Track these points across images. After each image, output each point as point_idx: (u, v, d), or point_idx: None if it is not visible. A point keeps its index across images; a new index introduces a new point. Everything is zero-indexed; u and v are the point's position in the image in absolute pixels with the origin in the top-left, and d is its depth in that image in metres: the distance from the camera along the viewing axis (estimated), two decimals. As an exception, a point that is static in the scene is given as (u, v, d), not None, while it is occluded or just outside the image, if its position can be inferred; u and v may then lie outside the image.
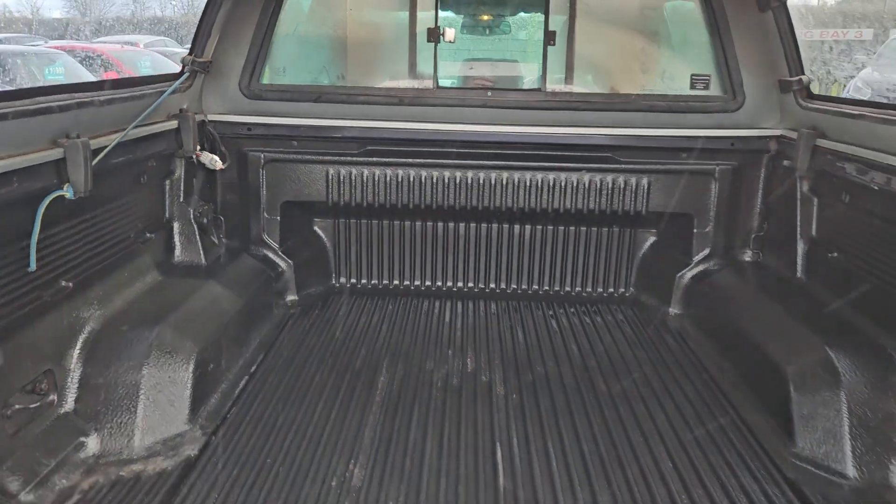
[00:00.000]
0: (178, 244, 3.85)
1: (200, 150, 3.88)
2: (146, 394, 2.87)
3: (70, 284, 2.88)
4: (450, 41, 4.18)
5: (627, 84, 4.62)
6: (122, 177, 3.31)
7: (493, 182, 4.23)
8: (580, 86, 4.46)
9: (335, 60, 4.72)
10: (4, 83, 13.10)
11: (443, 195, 4.25)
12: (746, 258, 4.22)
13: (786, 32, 3.88)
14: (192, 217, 3.85)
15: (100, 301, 3.05)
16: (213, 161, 3.94)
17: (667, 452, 2.86)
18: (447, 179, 4.23)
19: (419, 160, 4.21)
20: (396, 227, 4.52)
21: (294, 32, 4.45)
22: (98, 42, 23.32)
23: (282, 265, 4.34)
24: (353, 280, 4.60)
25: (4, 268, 2.55)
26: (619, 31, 4.67)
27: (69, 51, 17.07)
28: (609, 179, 4.20)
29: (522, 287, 4.58)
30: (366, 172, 4.24)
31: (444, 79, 4.52)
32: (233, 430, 2.94)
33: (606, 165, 4.19)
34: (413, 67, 4.45)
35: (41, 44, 20.63)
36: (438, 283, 4.59)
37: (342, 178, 4.24)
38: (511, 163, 4.21)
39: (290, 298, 4.35)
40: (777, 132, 4.01)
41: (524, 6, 5.48)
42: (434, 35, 4.17)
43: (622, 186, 4.21)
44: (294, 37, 4.46)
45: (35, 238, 2.59)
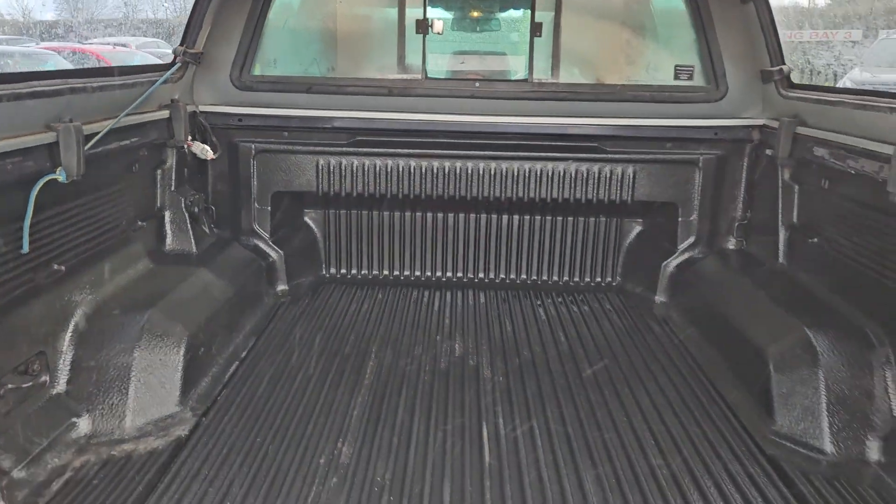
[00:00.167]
0: (170, 233, 3.88)
1: (192, 141, 3.92)
2: (137, 376, 2.92)
3: (62, 268, 2.91)
4: (438, 32, 4.24)
5: (613, 75, 4.69)
6: (114, 164, 3.35)
7: (482, 172, 4.28)
8: (567, 77, 4.52)
9: (325, 52, 4.78)
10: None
11: (431, 185, 4.30)
12: (730, 246, 4.29)
13: (767, 23, 3.96)
14: (184, 206, 3.88)
15: (92, 286, 3.08)
16: (205, 151, 3.97)
17: (649, 431, 2.92)
18: (436, 169, 4.28)
19: (408, 150, 4.26)
20: (386, 218, 4.57)
21: (285, 24, 4.50)
22: (89, 44, 23.30)
23: (272, 255, 4.38)
24: (343, 270, 4.64)
25: None
26: (605, 23, 4.74)
27: (60, 52, 17.13)
28: (595, 169, 4.27)
29: (510, 277, 4.64)
30: (355, 163, 4.29)
31: (434, 72, 4.57)
32: (223, 412, 2.98)
33: (593, 155, 4.25)
34: (402, 59, 4.50)
35: (32, 45, 20.64)
36: (428, 273, 4.64)
37: (332, 169, 4.29)
38: (499, 153, 4.27)
39: (281, 288, 4.39)
40: (759, 122, 4.08)
41: (513, 1, 5.55)
42: (423, 26, 4.22)
43: (608, 176, 4.27)
44: (285, 29, 4.51)
45: (28, 220, 2.63)
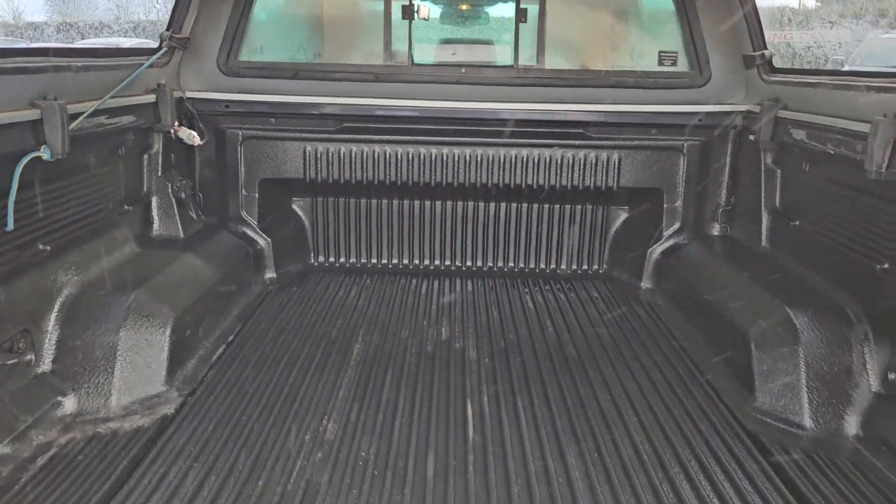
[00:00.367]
0: (157, 218, 3.89)
1: (178, 126, 3.93)
2: (123, 355, 2.92)
3: (48, 248, 2.92)
4: (424, 18, 4.26)
5: (598, 61, 4.72)
6: (100, 147, 3.36)
7: (469, 158, 4.31)
8: (552, 63, 4.54)
9: (312, 38, 4.79)
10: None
11: (418, 172, 4.32)
12: (715, 232, 4.32)
13: (749, 9, 3.99)
14: (171, 191, 3.89)
15: (77, 266, 3.09)
16: (191, 136, 3.99)
17: (632, 409, 2.95)
18: (422, 156, 4.30)
19: (395, 137, 4.28)
20: (374, 206, 4.59)
21: (271, 10, 4.51)
22: (80, 44, 23.26)
23: (260, 242, 4.39)
24: (332, 259, 4.66)
25: None
26: (590, 10, 4.77)
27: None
28: (581, 155, 4.29)
29: (498, 265, 4.67)
30: (342, 149, 4.30)
31: (421, 59, 4.59)
32: (209, 392, 3.00)
33: (578, 142, 4.28)
34: (388, 45, 4.52)
35: (23, 45, 20.60)
36: (416, 262, 4.66)
37: (319, 155, 4.30)
38: (486, 139, 4.29)
39: (269, 276, 4.40)
40: (743, 107, 4.12)
41: None
42: (408, 12, 4.24)
43: (593, 162, 4.30)
44: (271, 14, 4.52)
45: (13, 197, 2.63)
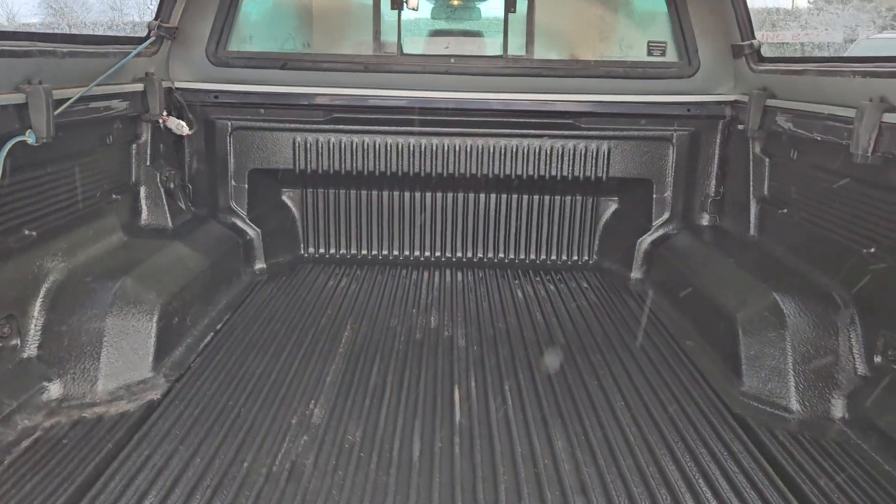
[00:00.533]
0: (145, 207, 3.88)
1: (167, 116, 3.92)
2: (109, 341, 2.92)
3: (34, 233, 2.91)
4: (413, 8, 4.26)
5: (587, 51, 4.73)
6: (87, 134, 3.35)
7: (458, 148, 4.31)
8: (541, 53, 4.55)
9: (301, 28, 4.78)
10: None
11: (408, 162, 4.32)
12: (704, 222, 4.33)
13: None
14: (159, 181, 3.88)
15: (64, 253, 3.08)
16: (180, 126, 3.97)
17: (619, 394, 2.95)
18: (412, 146, 4.30)
19: (384, 127, 4.28)
20: (364, 197, 4.59)
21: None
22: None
23: (250, 233, 4.38)
24: (322, 250, 4.66)
25: None
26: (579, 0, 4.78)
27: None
28: (570, 145, 4.30)
29: (488, 255, 4.67)
30: (332, 139, 4.30)
31: (410, 49, 4.58)
32: (196, 377, 2.99)
33: (568, 132, 4.28)
34: (378, 34, 4.52)
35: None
36: (406, 253, 4.66)
37: (309, 146, 4.30)
38: (475, 129, 4.29)
39: (259, 266, 4.39)
40: (731, 97, 4.13)
41: None
42: (397, 2, 4.24)
43: (583, 152, 4.30)
44: (260, 4, 4.51)
45: None
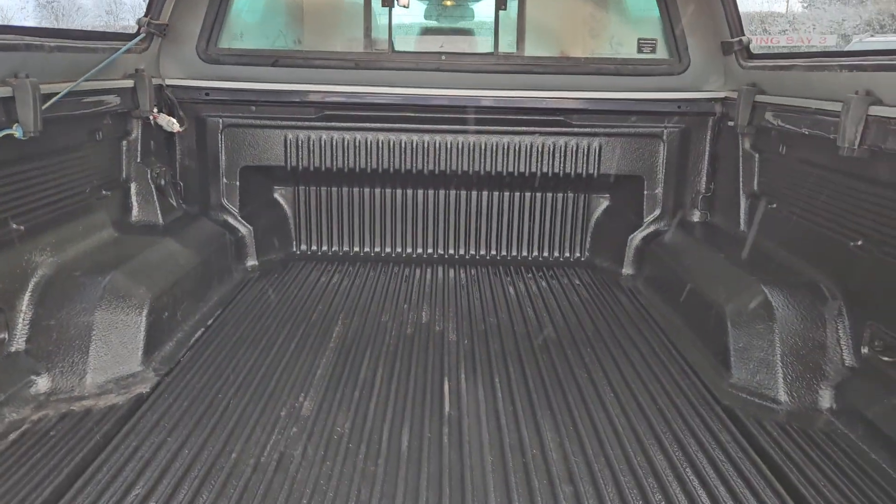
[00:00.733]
0: (136, 204, 3.87)
1: (158, 113, 3.91)
2: (98, 335, 2.91)
3: (22, 228, 2.90)
4: (404, 6, 4.27)
5: (578, 48, 4.74)
6: (76, 129, 3.34)
7: (449, 146, 4.32)
8: (532, 50, 4.56)
9: (292, 25, 4.79)
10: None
11: (399, 159, 4.33)
12: (695, 218, 4.34)
13: None
14: (150, 178, 3.87)
15: (53, 248, 3.07)
16: (171, 123, 3.96)
17: (609, 385, 2.96)
18: (403, 143, 4.31)
19: (376, 125, 4.29)
20: (356, 194, 4.59)
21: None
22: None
23: (242, 230, 4.38)
24: (314, 247, 4.66)
25: None
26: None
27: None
28: (562, 142, 4.31)
29: (480, 252, 4.68)
30: (323, 137, 4.30)
31: (401, 46, 4.59)
32: (185, 371, 2.99)
33: (559, 129, 4.29)
34: (369, 31, 4.53)
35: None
36: (398, 250, 4.66)
37: (300, 143, 4.30)
38: (467, 126, 4.30)
39: (251, 263, 4.39)
40: (721, 94, 4.15)
41: None
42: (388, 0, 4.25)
43: (574, 149, 4.31)
44: (251, 1, 4.52)
45: None
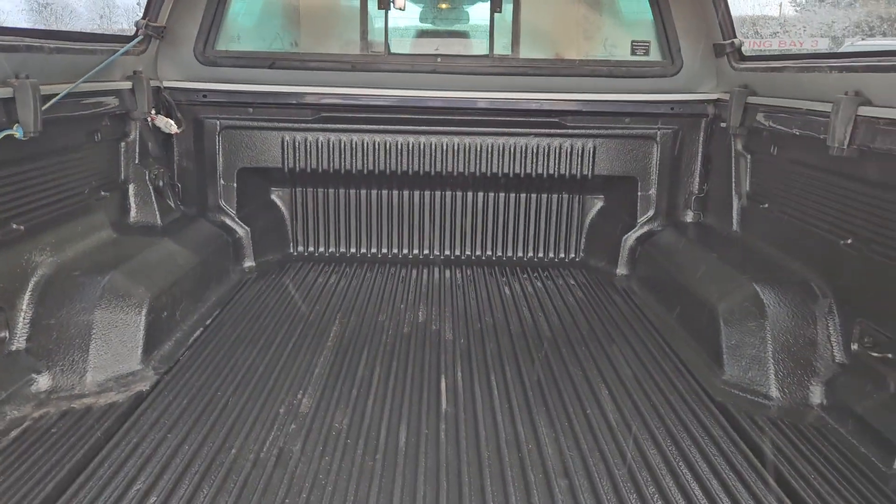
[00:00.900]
0: (134, 205, 3.90)
1: (155, 115, 3.94)
2: (98, 334, 2.94)
3: (21, 228, 2.93)
4: (400, 8, 4.31)
5: (572, 50, 4.79)
6: (75, 130, 3.37)
7: (445, 147, 4.36)
8: (527, 52, 4.61)
9: (288, 27, 4.82)
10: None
11: (395, 161, 4.36)
12: (688, 218, 4.39)
13: None
14: (148, 179, 3.90)
15: (52, 248, 3.10)
16: (169, 125, 4.00)
17: (603, 383, 3.00)
18: (399, 145, 4.35)
19: (372, 126, 4.33)
20: (353, 196, 4.63)
21: (247, -1, 4.54)
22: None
23: (239, 231, 4.41)
24: (311, 248, 4.69)
25: None
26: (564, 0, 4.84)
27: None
28: (556, 144, 4.36)
29: (476, 253, 4.72)
30: (320, 138, 4.34)
31: (397, 48, 4.63)
32: (185, 369, 3.02)
33: (553, 130, 4.34)
34: (365, 34, 4.57)
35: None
36: (395, 251, 4.70)
37: (297, 145, 4.34)
38: (462, 128, 4.35)
39: (248, 264, 4.42)
40: (714, 96, 4.20)
41: None
42: (384, 2, 4.29)
43: (569, 151, 4.36)
44: (248, 3, 4.55)
45: None
